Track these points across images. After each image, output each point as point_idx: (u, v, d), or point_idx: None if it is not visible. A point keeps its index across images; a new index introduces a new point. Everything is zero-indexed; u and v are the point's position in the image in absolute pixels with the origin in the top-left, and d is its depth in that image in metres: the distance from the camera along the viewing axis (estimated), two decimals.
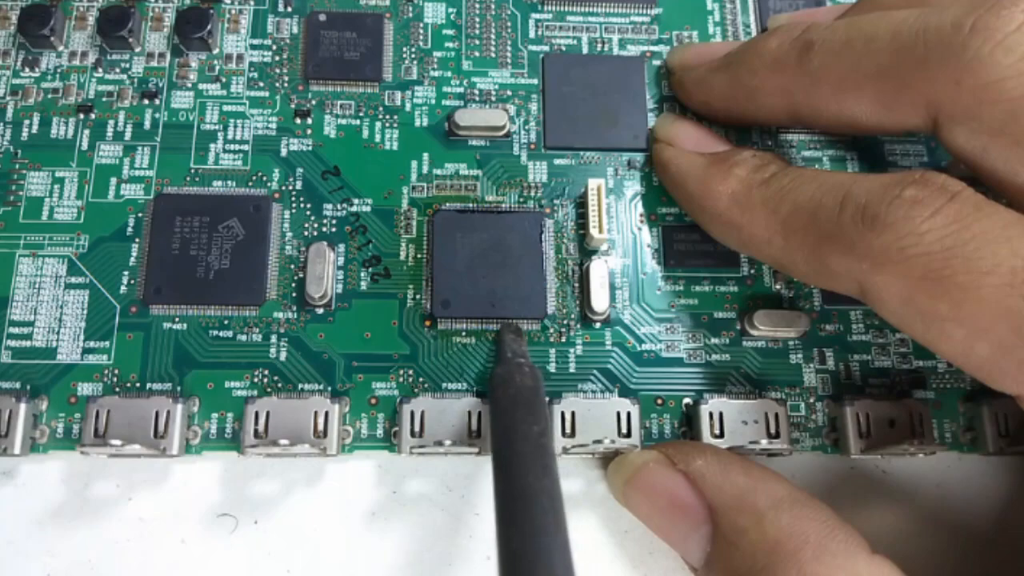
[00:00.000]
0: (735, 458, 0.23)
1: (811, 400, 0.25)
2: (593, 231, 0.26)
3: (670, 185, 0.26)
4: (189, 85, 0.27)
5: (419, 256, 0.26)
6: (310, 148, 0.27)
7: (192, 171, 0.26)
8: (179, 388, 0.24)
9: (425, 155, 0.27)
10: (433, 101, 0.28)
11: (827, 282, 0.22)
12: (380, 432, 0.24)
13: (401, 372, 0.25)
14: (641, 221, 0.27)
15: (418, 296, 0.26)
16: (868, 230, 0.19)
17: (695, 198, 0.25)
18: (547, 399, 0.24)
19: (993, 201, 0.19)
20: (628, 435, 0.24)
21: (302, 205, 0.26)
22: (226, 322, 0.25)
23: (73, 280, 0.25)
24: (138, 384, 0.24)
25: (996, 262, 0.18)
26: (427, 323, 0.25)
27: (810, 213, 0.21)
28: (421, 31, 0.29)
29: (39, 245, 0.25)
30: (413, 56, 0.28)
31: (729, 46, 0.26)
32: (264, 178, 0.26)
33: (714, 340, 0.26)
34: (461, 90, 0.28)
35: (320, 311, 0.25)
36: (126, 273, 0.25)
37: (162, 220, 0.25)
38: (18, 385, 0.24)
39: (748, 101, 0.25)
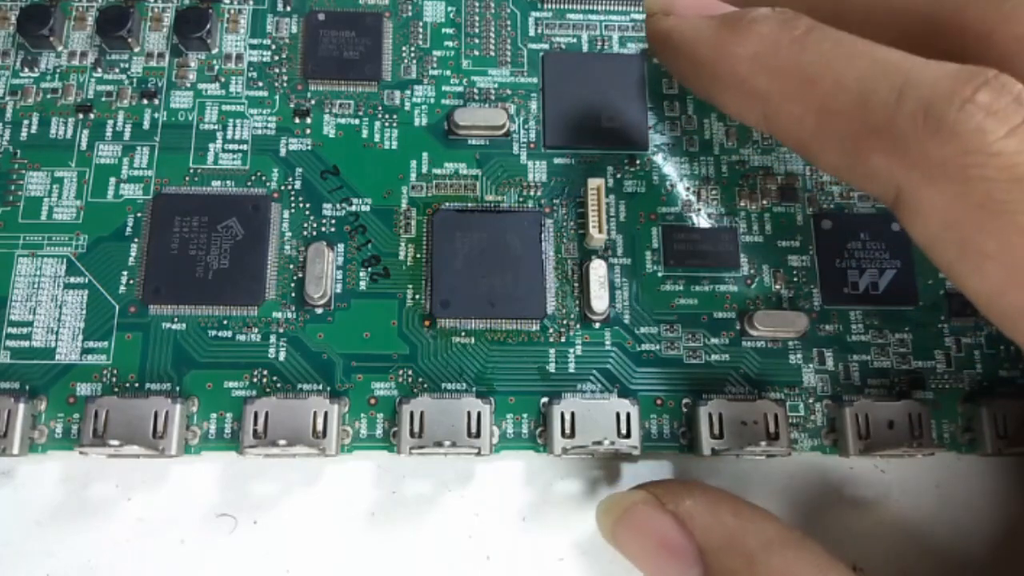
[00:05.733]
0: (725, 497, 0.22)
1: (810, 400, 0.25)
2: (593, 231, 0.26)
3: (673, 59, 0.24)
4: (188, 85, 0.27)
5: (418, 256, 0.26)
6: (309, 148, 0.27)
7: (191, 171, 0.26)
8: (178, 388, 0.24)
9: (424, 154, 0.27)
10: (432, 100, 0.28)
11: (859, 179, 0.19)
12: (379, 432, 0.24)
13: (400, 372, 0.25)
14: (641, 221, 0.27)
15: (417, 296, 0.26)
16: (930, 135, 0.17)
17: (707, 66, 0.22)
18: None
19: None
20: (628, 436, 0.24)
21: (301, 205, 0.26)
22: (225, 322, 0.25)
23: (72, 280, 0.25)
24: (137, 384, 0.24)
25: None
26: (426, 323, 0.25)
27: (858, 97, 0.18)
28: (420, 30, 0.29)
29: (38, 245, 0.25)
30: (412, 55, 0.28)
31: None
32: (263, 178, 0.26)
33: (713, 340, 0.26)
34: (460, 89, 0.28)
35: (319, 311, 0.25)
36: (125, 273, 0.25)
37: (161, 220, 0.25)
38: (17, 385, 0.24)
39: None
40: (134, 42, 0.27)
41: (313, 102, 0.27)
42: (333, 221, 0.26)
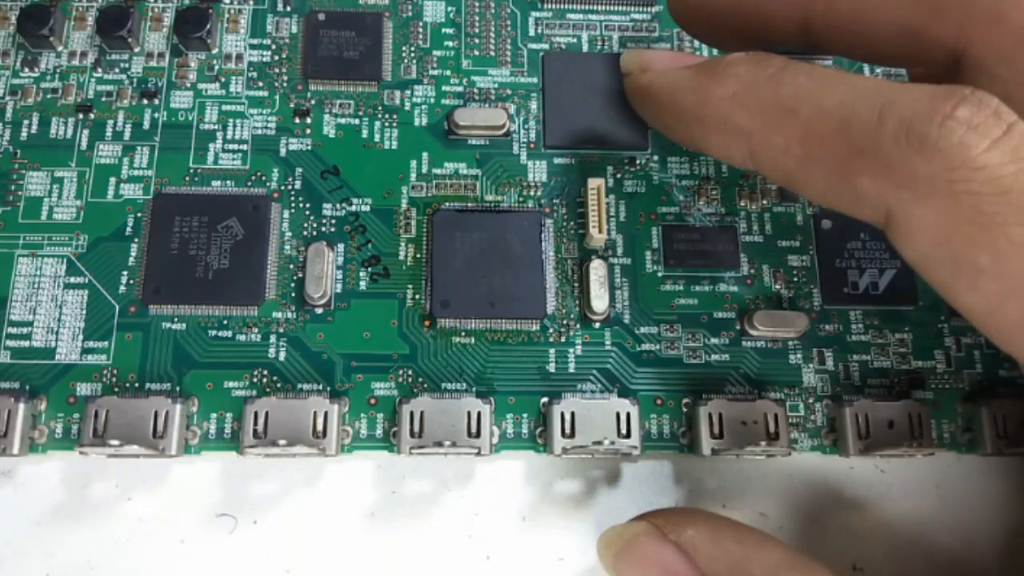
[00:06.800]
0: (727, 524, 0.21)
1: (810, 400, 0.25)
2: (593, 231, 0.26)
3: (655, 110, 0.25)
4: (188, 85, 0.27)
5: (418, 256, 0.26)
6: (309, 147, 0.27)
7: (191, 171, 0.26)
8: (178, 388, 0.24)
9: (424, 154, 0.27)
10: (432, 100, 0.28)
11: (848, 204, 0.19)
12: (379, 432, 0.24)
13: (400, 372, 0.25)
14: (641, 221, 0.27)
15: (417, 296, 0.26)
16: (915, 152, 0.17)
17: (689, 111, 0.22)
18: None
19: None
20: (628, 436, 0.24)
21: (301, 205, 0.26)
22: (225, 322, 0.25)
23: (72, 280, 0.25)
24: (137, 384, 0.24)
25: None
26: (426, 323, 0.25)
27: (840, 121, 0.19)
28: (420, 30, 0.29)
29: (38, 245, 0.25)
30: (412, 55, 0.28)
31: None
32: (263, 178, 0.26)
33: (713, 340, 0.26)
34: (460, 89, 0.28)
35: (319, 311, 0.25)
36: (125, 273, 0.25)
37: (161, 220, 0.25)
38: (17, 385, 0.24)
39: (757, 9, 0.23)
40: (134, 42, 0.27)
41: (313, 102, 0.27)
42: (333, 221, 0.26)
